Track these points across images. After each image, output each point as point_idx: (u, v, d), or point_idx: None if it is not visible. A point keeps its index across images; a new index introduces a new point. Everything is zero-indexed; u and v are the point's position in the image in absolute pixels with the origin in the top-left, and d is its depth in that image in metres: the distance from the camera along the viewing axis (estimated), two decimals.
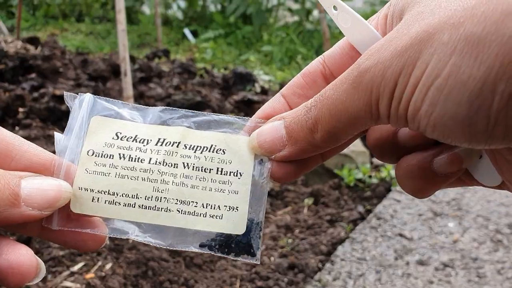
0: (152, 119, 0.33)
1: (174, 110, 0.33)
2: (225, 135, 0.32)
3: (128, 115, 0.33)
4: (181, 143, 0.32)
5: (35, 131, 2.25)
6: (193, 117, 0.33)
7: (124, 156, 0.31)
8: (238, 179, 0.31)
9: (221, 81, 3.08)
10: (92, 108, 0.33)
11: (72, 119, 0.32)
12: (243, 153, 0.32)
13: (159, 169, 0.31)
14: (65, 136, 0.32)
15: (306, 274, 1.51)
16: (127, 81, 1.90)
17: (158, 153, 0.31)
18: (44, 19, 4.98)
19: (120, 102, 0.34)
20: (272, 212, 1.88)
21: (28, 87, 2.68)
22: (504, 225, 1.77)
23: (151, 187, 0.31)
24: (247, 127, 0.32)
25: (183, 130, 0.32)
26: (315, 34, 4.07)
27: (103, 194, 0.31)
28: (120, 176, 0.31)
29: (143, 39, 4.45)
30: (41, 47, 3.18)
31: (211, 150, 0.32)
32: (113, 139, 0.32)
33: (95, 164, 0.31)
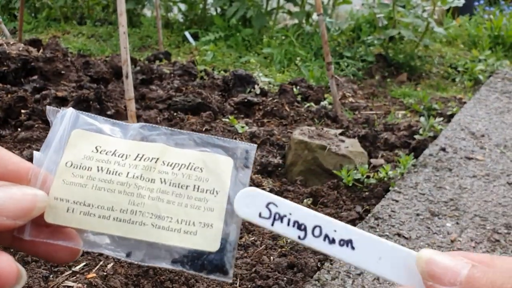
0: (132, 135, 0.33)
1: (154, 127, 0.33)
2: (203, 154, 0.32)
3: (109, 130, 0.33)
4: (159, 159, 0.32)
5: (37, 132, 2.27)
6: (172, 135, 0.33)
7: (102, 169, 0.31)
8: (214, 197, 0.31)
9: (222, 83, 3.10)
10: (74, 123, 0.33)
11: (51, 133, 0.32)
12: (220, 172, 0.32)
13: (136, 183, 0.31)
14: (42, 153, 0.32)
15: (305, 274, 1.52)
16: (128, 83, 1.92)
17: (136, 168, 0.31)
18: (46, 21, 5.00)
19: (102, 118, 0.34)
20: None
21: (30, 89, 2.70)
22: (502, 225, 1.79)
23: (127, 200, 0.30)
24: None
25: (162, 147, 0.32)
26: (315, 36, 4.09)
27: (78, 205, 0.30)
28: (96, 188, 0.31)
29: (144, 41, 4.47)
30: (43, 49, 3.20)
31: (189, 167, 0.31)
32: (93, 152, 0.32)
33: (73, 175, 0.31)
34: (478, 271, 0.25)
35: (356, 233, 0.29)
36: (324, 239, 0.30)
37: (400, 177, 2.10)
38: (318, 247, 0.30)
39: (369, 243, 0.29)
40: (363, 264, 0.28)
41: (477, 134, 2.64)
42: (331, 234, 0.29)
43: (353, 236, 0.29)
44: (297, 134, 2.20)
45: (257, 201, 0.31)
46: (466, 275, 0.25)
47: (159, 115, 2.59)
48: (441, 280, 0.25)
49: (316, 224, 0.30)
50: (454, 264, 0.25)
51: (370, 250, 0.28)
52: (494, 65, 3.88)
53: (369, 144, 2.38)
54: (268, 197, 0.31)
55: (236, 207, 0.31)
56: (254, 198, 0.32)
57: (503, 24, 4.38)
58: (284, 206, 0.31)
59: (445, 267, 0.26)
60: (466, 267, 0.25)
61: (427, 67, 3.91)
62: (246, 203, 0.31)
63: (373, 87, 3.43)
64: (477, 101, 3.19)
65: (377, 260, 0.28)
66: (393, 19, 3.76)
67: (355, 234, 0.29)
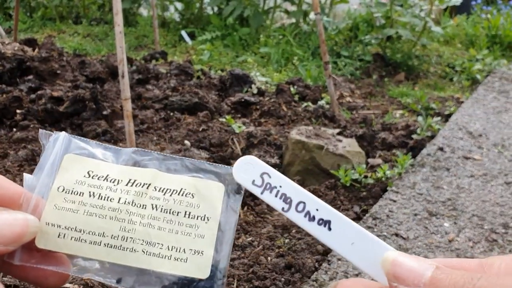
0: (125, 160, 0.33)
1: (146, 152, 0.33)
2: (195, 180, 0.32)
3: (101, 155, 0.33)
4: (151, 185, 0.32)
5: (32, 132, 2.26)
6: (165, 160, 0.33)
7: (94, 194, 0.31)
8: (205, 223, 0.31)
9: (218, 82, 3.08)
10: (66, 147, 0.33)
11: (44, 157, 0.32)
12: (212, 198, 0.32)
13: (127, 209, 0.31)
14: (35, 176, 0.32)
15: (303, 274, 1.51)
16: (124, 83, 1.91)
17: (128, 194, 0.31)
18: (42, 21, 4.97)
19: (94, 142, 0.34)
20: (269, 212, 1.88)
21: (25, 88, 2.68)
22: (499, 224, 1.79)
23: (118, 226, 0.31)
24: None
25: (154, 172, 0.32)
26: (312, 35, 4.08)
27: (69, 231, 0.30)
28: (88, 214, 0.31)
29: (141, 41, 4.45)
30: (38, 49, 3.18)
31: (180, 193, 0.32)
32: (85, 177, 0.32)
33: (65, 200, 0.31)
34: (442, 272, 0.25)
35: (336, 215, 0.30)
36: (305, 215, 0.31)
37: (398, 177, 2.10)
38: (298, 221, 0.31)
39: (345, 227, 0.30)
40: (336, 245, 0.30)
41: (475, 133, 2.64)
42: (313, 212, 0.31)
43: (332, 218, 0.30)
44: (295, 134, 2.19)
45: (254, 169, 0.32)
46: (429, 276, 0.25)
47: (156, 115, 2.58)
48: (405, 282, 0.26)
49: (301, 200, 0.31)
50: (418, 265, 0.26)
51: (345, 234, 0.30)
52: (492, 64, 3.88)
53: (366, 144, 2.38)
54: (264, 168, 0.33)
55: (234, 171, 0.32)
56: (252, 166, 0.33)
57: (500, 24, 4.39)
58: (277, 178, 0.32)
59: (409, 269, 0.26)
60: (430, 269, 0.26)
61: (425, 67, 3.91)
62: (244, 169, 0.32)
63: (370, 87, 3.43)
64: (474, 100, 3.19)
65: (349, 245, 0.29)
66: (391, 19, 3.76)
67: (335, 217, 0.30)
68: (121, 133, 2.28)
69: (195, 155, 2.03)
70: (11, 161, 2.05)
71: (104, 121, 2.41)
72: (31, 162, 2.07)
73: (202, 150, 2.16)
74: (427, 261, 0.27)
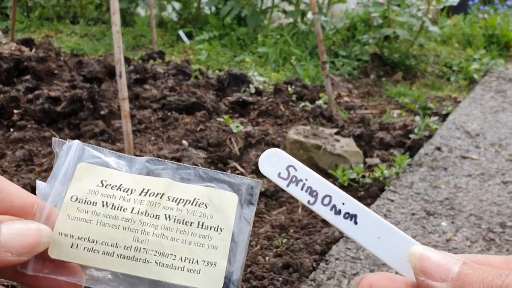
0: (138, 169, 0.33)
1: (160, 161, 0.33)
2: (208, 190, 0.32)
3: (114, 164, 0.33)
4: (164, 195, 0.32)
5: (30, 132, 2.25)
6: (178, 170, 0.33)
7: (107, 204, 0.31)
8: (218, 234, 0.31)
9: (216, 82, 3.08)
10: (79, 155, 0.33)
11: (57, 166, 0.32)
12: (225, 208, 0.32)
13: (140, 219, 0.31)
14: (48, 184, 0.32)
15: (301, 274, 1.51)
16: (122, 83, 1.90)
17: (141, 203, 0.31)
18: (39, 21, 4.96)
19: (108, 151, 0.34)
20: (267, 212, 1.89)
21: (22, 88, 2.67)
22: (496, 224, 1.79)
23: (131, 237, 0.31)
24: None
25: (168, 181, 0.32)
26: (310, 35, 4.09)
27: (82, 241, 0.31)
28: (101, 224, 0.31)
29: (138, 41, 4.45)
30: (35, 49, 3.17)
31: (194, 203, 0.31)
32: (98, 186, 0.32)
33: (78, 210, 0.31)
34: (469, 268, 0.26)
35: (362, 209, 0.30)
36: (331, 209, 0.31)
37: (396, 177, 2.10)
38: (324, 214, 0.31)
39: (372, 221, 0.30)
40: (362, 239, 0.30)
41: (472, 133, 2.65)
42: (339, 206, 0.31)
43: (358, 212, 0.30)
44: (292, 133, 2.19)
45: (279, 162, 0.33)
46: (457, 271, 0.25)
47: (153, 115, 2.58)
48: (432, 276, 0.26)
49: (327, 193, 0.31)
50: (445, 261, 0.26)
51: (371, 228, 0.30)
52: (489, 64, 3.89)
53: (364, 144, 2.38)
54: (289, 160, 0.33)
55: (260, 164, 0.32)
56: (277, 159, 0.33)
57: (497, 23, 4.40)
58: (303, 171, 0.32)
59: (437, 263, 0.26)
60: (457, 264, 0.26)
61: (422, 66, 3.91)
62: (269, 162, 0.32)
63: (368, 86, 3.43)
64: (472, 100, 3.20)
65: (375, 239, 0.29)
66: (388, 18, 3.76)
67: (361, 211, 0.30)
68: (119, 133, 2.28)
69: (193, 155, 2.02)
70: (8, 161, 2.05)
71: (101, 121, 2.40)
72: (28, 162, 2.06)
73: (200, 150, 2.16)
74: (454, 257, 0.27)
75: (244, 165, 2.14)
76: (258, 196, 0.32)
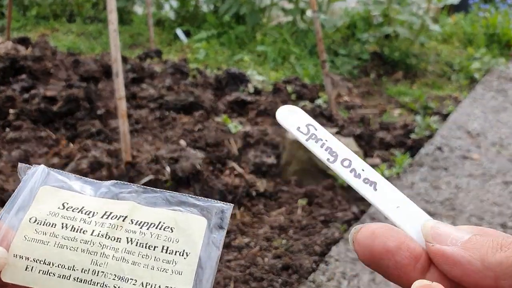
0: (103, 192, 0.32)
1: (126, 185, 0.32)
2: (175, 213, 0.31)
3: (79, 187, 0.32)
4: (127, 218, 0.31)
5: (25, 132, 2.24)
6: (144, 193, 0.32)
7: (67, 226, 0.30)
8: (184, 259, 0.30)
9: (214, 81, 3.07)
10: (44, 179, 0.32)
11: (19, 189, 0.31)
12: (192, 232, 0.31)
13: (100, 242, 0.30)
14: (6, 207, 0.31)
15: (300, 275, 1.51)
16: (119, 82, 1.89)
17: (102, 226, 0.30)
18: (35, 19, 4.94)
19: (74, 176, 0.33)
20: (266, 213, 1.87)
21: (18, 88, 2.66)
22: (497, 224, 1.78)
23: (90, 260, 0.29)
24: None
25: (132, 205, 0.31)
26: (309, 34, 4.07)
27: (38, 264, 0.29)
28: (59, 246, 0.30)
29: (135, 39, 4.42)
30: (31, 48, 3.15)
31: (158, 227, 0.30)
32: (59, 208, 0.31)
33: (35, 231, 0.30)
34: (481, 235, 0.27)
35: (382, 179, 0.30)
36: (351, 171, 0.30)
37: (396, 177, 2.09)
38: (344, 175, 0.31)
39: (390, 191, 0.30)
40: (381, 205, 0.30)
41: (473, 133, 2.63)
42: (358, 171, 0.30)
43: (378, 180, 0.30)
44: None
45: (298, 118, 0.32)
46: (468, 237, 0.26)
47: (151, 115, 2.56)
48: (442, 242, 0.27)
49: (347, 157, 0.31)
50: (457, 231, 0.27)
51: (390, 197, 0.30)
52: (490, 63, 3.88)
53: (364, 143, 2.37)
54: (309, 120, 0.32)
55: (279, 116, 0.32)
56: (297, 115, 0.32)
57: (498, 22, 4.39)
58: (322, 132, 0.31)
59: (448, 232, 0.27)
60: (469, 234, 0.27)
61: (423, 65, 3.90)
62: (289, 115, 0.32)
63: (368, 86, 3.41)
64: (472, 99, 3.18)
65: (395, 207, 0.30)
66: (388, 17, 3.75)
67: (381, 180, 0.30)
68: (116, 133, 2.26)
69: (191, 155, 2.01)
70: (4, 161, 2.04)
71: (98, 120, 2.39)
72: (25, 163, 2.05)
73: (198, 150, 2.15)
74: (467, 229, 0.28)
75: (243, 165, 2.13)
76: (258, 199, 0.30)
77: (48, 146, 2.20)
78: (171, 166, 1.92)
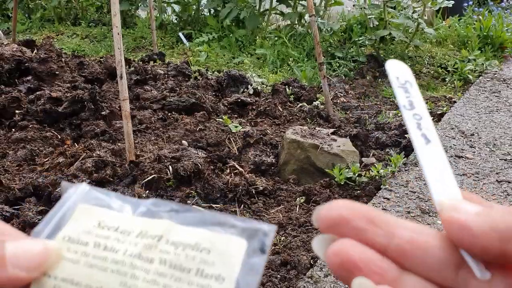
0: (141, 211, 0.31)
1: (164, 203, 0.31)
2: (212, 234, 0.29)
3: (118, 206, 0.31)
4: (163, 238, 0.29)
5: (31, 132, 2.27)
6: (182, 212, 0.30)
7: (100, 244, 0.29)
8: (219, 284, 0.27)
9: (215, 83, 3.11)
10: (83, 197, 0.31)
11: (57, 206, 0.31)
12: (230, 255, 0.28)
13: (132, 262, 0.28)
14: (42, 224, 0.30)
15: (298, 271, 1.53)
16: (122, 84, 1.93)
17: (136, 246, 0.29)
18: (40, 22, 4.98)
19: (114, 194, 0.32)
20: (265, 210, 1.91)
21: (24, 89, 2.70)
22: None
23: (118, 281, 0.28)
24: None
25: (169, 224, 0.30)
26: (307, 37, 4.13)
27: (65, 283, 0.28)
28: (88, 266, 0.28)
29: (139, 42, 4.48)
30: (37, 50, 3.20)
31: (194, 248, 0.28)
32: (94, 227, 0.30)
33: (67, 250, 0.29)
34: (492, 206, 0.27)
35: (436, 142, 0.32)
36: (416, 123, 0.32)
37: (391, 176, 2.13)
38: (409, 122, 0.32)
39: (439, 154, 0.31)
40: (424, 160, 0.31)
41: (467, 133, 2.68)
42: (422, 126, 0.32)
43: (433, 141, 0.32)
44: (290, 133, 2.22)
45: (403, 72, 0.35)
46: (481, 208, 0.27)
47: (154, 115, 2.60)
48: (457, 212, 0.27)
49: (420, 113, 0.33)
50: (471, 205, 0.28)
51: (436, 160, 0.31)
52: (483, 65, 3.93)
53: (360, 143, 2.41)
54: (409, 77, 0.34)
55: (388, 64, 0.35)
56: (402, 70, 0.35)
57: (492, 25, 4.44)
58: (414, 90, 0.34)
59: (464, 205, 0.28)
60: (481, 207, 0.28)
61: (418, 67, 3.95)
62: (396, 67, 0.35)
63: (364, 87, 3.47)
64: (466, 100, 3.24)
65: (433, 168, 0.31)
66: (384, 20, 3.80)
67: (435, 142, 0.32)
68: (120, 133, 2.30)
69: (192, 155, 2.05)
70: (10, 161, 2.07)
71: (102, 121, 2.42)
72: (30, 162, 2.09)
73: (199, 150, 2.19)
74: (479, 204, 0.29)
75: (242, 164, 2.17)
76: (258, 198, 0.31)
77: (54, 146, 2.21)
78: (173, 165, 1.94)
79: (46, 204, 1.74)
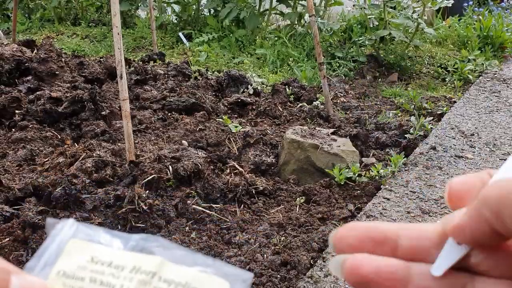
0: (131, 246, 0.32)
1: (155, 238, 0.32)
2: (201, 274, 0.31)
3: (108, 241, 0.32)
4: (156, 274, 0.30)
5: (31, 132, 2.27)
6: (172, 249, 0.32)
7: (96, 280, 0.30)
8: None
9: (215, 83, 3.11)
10: (72, 233, 0.32)
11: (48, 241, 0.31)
12: None
13: None
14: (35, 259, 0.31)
15: (298, 271, 1.54)
16: (122, 84, 1.93)
17: (131, 281, 0.30)
18: (40, 22, 4.98)
19: (102, 229, 0.33)
20: (265, 210, 1.91)
21: (24, 89, 2.70)
22: None
23: None
24: None
25: (160, 261, 0.31)
26: (307, 37, 4.13)
27: None
28: None
29: (138, 42, 4.48)
30: (37, 50, 3.20)
31: (185, 287, 0.30)
32: (88, 262, 0.30)
33: (64, 285, 0.30)
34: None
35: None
36: None
37: (391, 176, 2.13)
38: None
39: None
40: None
41: (467, 133, 2.68)
42: None
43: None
44: (290, 133, 2.22)
45: None
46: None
47: (154, 115, 2.61)
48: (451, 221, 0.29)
49: None
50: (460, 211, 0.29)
51: None
52: (483, 65, 3.93)
53: (360, 143, 2.41)
54: None
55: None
56: None
57: (492, 25, 4.44)
58: None
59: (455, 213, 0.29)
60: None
61: (418, 67, 3.96)
62: None
63: (364, 87, 3.47)
64: (466, 100, 3.24)
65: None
66: (384, 20, 3.80)
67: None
68: (120, 133, 2.30)
69: (192, 155, 2.05)
70: (10, 161, 2.07)
71: (102, 121, 2.43)
72: (30, 162, 2.09)
73: (199, 150, 2.19)
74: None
75: (242, 164, 2.17)
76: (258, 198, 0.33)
77: (53, 146, 2.22)
78: (173, 165, 1.94)
79: (46, 204, 1.74)
